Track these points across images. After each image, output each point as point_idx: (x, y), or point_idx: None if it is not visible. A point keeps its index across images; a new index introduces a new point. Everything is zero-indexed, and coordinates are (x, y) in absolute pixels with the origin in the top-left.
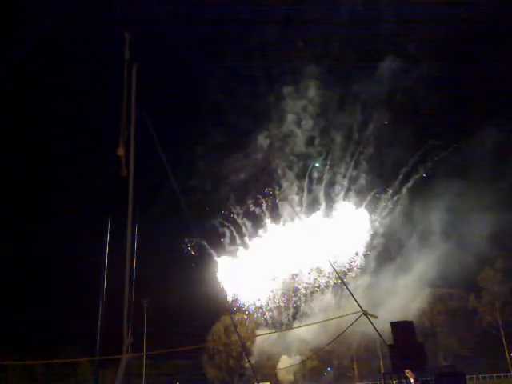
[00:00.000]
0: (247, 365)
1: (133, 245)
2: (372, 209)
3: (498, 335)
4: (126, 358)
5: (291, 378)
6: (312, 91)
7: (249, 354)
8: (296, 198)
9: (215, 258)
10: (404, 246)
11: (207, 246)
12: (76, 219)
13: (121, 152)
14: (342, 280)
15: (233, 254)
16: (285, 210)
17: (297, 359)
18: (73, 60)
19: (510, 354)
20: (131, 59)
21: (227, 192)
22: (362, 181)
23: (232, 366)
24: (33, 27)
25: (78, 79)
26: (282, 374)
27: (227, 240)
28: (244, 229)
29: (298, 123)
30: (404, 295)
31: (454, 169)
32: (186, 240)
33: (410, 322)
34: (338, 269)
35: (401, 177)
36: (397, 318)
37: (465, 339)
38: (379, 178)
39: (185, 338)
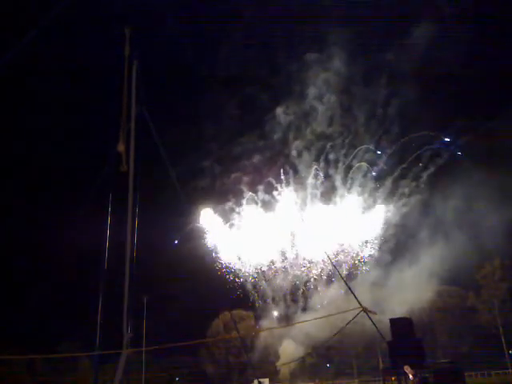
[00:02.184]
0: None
1: (132, 241)
2: (388, 196)
3: (496, 332)
4: (125, 353)
5: (291, 366)
6: (336, 61)
7: (248, 350)
8: (312, 182)
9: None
10: (415, 238)
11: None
12: (76, 216)
13: (121, 148)
14: (341, 274)
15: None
16: (299, 195)
17: (300, 350)
18: (73, 56)
19: (508, 352)
20: (131, 55)
21: (239, 176)
22: (382, 164)
23: (231, 362)
24: (32, 22)
25: (77, 75)
26: (281, 369)
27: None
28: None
29: (320, 98)
30: (406, 292)
31: (481, 154)
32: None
33: (409, 319)
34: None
35: (423, 161)
36: (398, 314)
37: (464, 336)
38: (400, 161)
39: (184, 334)
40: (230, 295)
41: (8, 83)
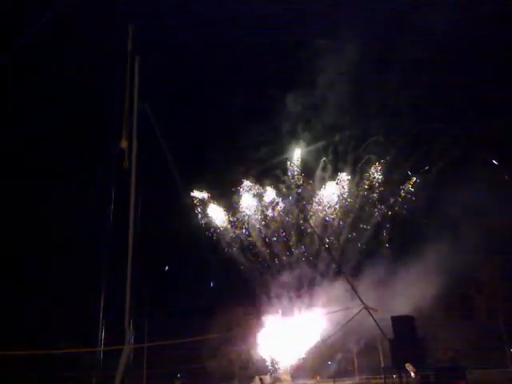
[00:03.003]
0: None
1: (134, 236)
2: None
3: (498, 330)
4: (127, 349)
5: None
6: (348, 48)
7: (250, 346)
8: (321, 175)
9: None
10: (421, 234)
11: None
12: (76, 212)
13: (124, 144)
14: (343, 272)
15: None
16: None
17: (302, 346)
18: (75, 52)
19: (510, 350)
20: (134, 51)
21: (244, 168)
22: (392, 157)
23: (233, 359)
24: (34, 18)
25: (80, 70)
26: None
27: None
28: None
29: (330, 87)
30: (409, 290)
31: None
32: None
33: (411, 317)
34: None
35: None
36: (400, 311)
37: (465, 334)
38: (411, 154)
39: (186, 330)
40: (233, 290)
41: (9, 80)
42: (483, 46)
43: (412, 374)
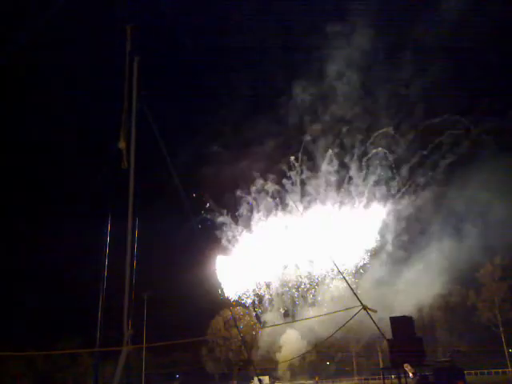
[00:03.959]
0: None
1: (133, 237)
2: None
3: (496, 331)
4: (126, 349)
5: (291, 363)
6: (359, 36)
7: (248, 347)
8: (327, 169)
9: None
10: (424, 233)
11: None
12: (77, 210)
13: (122, 145)
14: (342, 272)
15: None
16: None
17: (302, 343)
18: (74, 53)
19: (508, 350)
20: (133, 52)
21: (249, 162)
22: (400, 151)
23: (231, 359)
24: (33, 18)
25: (78, 73)
26: (281, 366)
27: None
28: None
29: (340, 77)
30: (408, 291)
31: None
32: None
33: (410, 318)
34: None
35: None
36: (400, 312)
37: (464, 335)
38: (421, 147)
39: (184, 331)
40: None
41: (8, 81)
42: (497, 35)
43: (410, 375)
